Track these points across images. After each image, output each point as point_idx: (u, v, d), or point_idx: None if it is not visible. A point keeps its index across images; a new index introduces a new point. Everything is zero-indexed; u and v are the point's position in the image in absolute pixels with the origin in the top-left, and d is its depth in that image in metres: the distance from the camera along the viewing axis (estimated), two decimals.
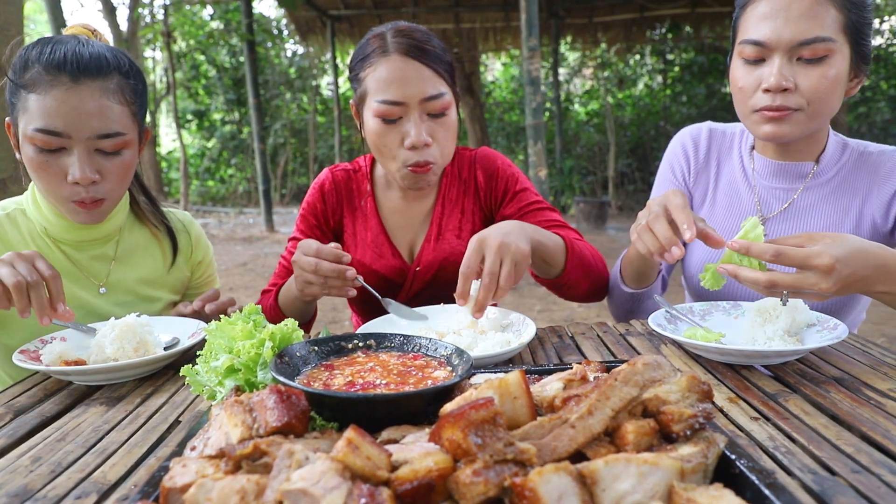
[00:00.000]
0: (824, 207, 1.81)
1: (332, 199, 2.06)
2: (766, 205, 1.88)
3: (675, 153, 2.10)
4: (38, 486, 0.94)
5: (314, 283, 1.64)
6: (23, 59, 1.59)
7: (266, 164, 11.88)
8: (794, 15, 1.60)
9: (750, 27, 1.67)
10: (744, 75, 1.70)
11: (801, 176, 1.83)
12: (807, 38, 1.59)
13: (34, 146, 1.57)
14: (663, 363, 0.86)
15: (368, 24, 13.03)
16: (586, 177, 15.13)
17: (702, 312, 1.60)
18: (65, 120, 1.55)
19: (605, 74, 16.78)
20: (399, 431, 0.85)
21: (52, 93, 1.54)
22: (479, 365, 1.30)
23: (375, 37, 1.82)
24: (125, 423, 1.18)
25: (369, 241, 2.03)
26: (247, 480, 0.67)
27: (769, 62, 1.65)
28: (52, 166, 1.58)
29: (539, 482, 0.64)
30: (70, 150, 1.58)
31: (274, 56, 17.62)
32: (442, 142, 1.82)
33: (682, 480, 0.69)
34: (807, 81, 1.62)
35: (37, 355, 1.45)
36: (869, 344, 1.46)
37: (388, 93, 1.75)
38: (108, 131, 1.60)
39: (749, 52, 1.67)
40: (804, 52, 1.60)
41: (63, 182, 1.60)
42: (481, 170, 2.06)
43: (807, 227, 1.81)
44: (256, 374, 1.04)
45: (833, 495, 0.82)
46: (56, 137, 1.55)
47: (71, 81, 1.55)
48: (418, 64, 1.76)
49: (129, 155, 1.67)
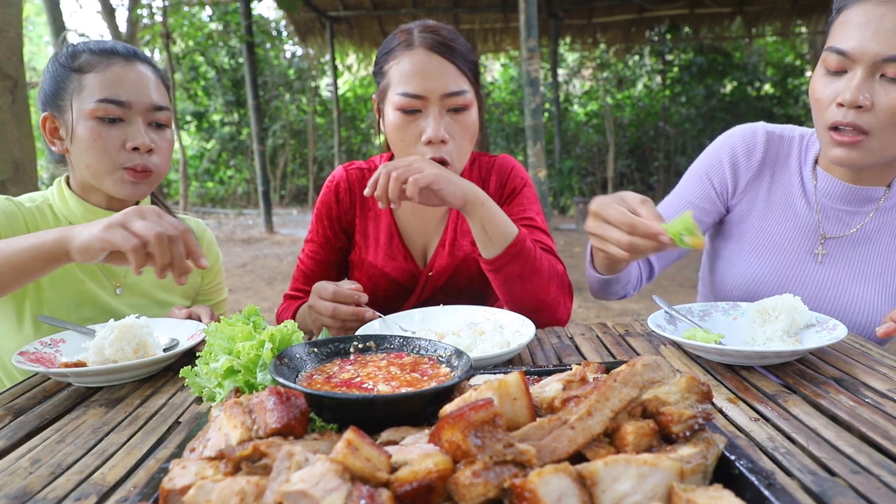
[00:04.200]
0: (887, 236, 1.73)
1: (346, 200, 2.04)
2: (829, 226, 1.78)
3: (718, 158, 1.92)
4: (38, 487, 0.94)
5: (332, 326, 1.64)
6: (70, 50, 1.74)
7: (265, 166, 11.89)
8: (885, 27, 1.46)
9: (838, 34, 1.54)
10: (822, 86, 1.59)
11: (871, 200, 1.73)
12: (893, 55, 1.46)
13: (94, 119, 1.69)
14: (662, 364, 0.86)
15: (367, 25, 13.05)
16: (585, 177, 15.16)
17: (701, 313, 1.60)
18: (126, 90, 1.71)
19: (604, 75, 16.80)
20: (399, 433, 0.85)
21: (110, 69, 1.71)
22: (478, 366, 1.30)
23: (402, 31, 1.81)
24: (124, 425, 1.17)
25: (382, 243, 2.00)
26: (246, 482, 0.67)
27: (850, 74, 1.52)
28: (111, 137, 1.71)
29: (539, 483, 0.64)
30: (127, 122, 1.73)
31: (273, 57, 17.62)
32: (459, 141, 1.79)
33: (681, 481, 0.69)
34: (886, 101, 1.49)
35: (36, 357, 1.45)
36: (868, 344, 1.46)
37: (409, 85, 1.73)
38: (161, 103, 1.78)
39: (831, 62, 1.55)
40: (888, 70, 1.47)
41: (120, 150, 1.72)
42: (496, 175, 2.04)
43: (870, 253, 1.74)
44: (256, 376, 1.04)
45: (832, 496, 0.82)
46: (118, 107, 1.70)
47: (124, 60, 1.73)
48: (442, 59, 1.74)
49: (170, 133, 1.84)
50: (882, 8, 1.47)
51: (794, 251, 1.82)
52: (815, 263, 1.79)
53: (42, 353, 1.48)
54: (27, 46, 16.20)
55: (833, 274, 1.77)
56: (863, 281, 1.75)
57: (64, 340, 1.56)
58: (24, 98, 3.92)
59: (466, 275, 1.99)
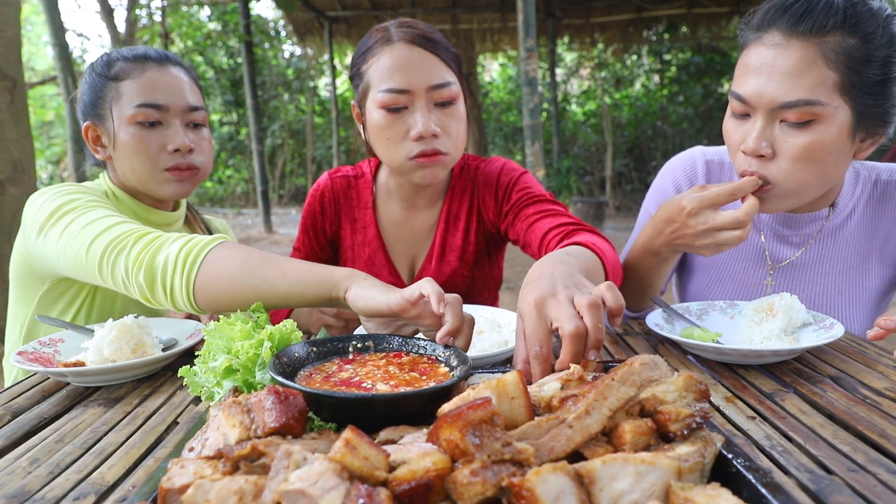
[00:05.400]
0: (840, 251, 1.70)
1: (330, 210, 1.96)
2: (776, 254, 1.76)
3: (665, 192, 1.91)
4: (37, 487, 0.94)
5: (335, 326, 1.63)
6: (104, 59, 1.79)
7: (264, 165, 11.87)
8: (778, 72, 1.40)
9: (739, 77, 1.50)
10: (731, 129, 1.54)
11: (815, 221, 1.71)
12: (788, 101, 1.39)
13: (135, 124, 1.75)
14: (660, 363, 0.87)
15: (366, 25, 13.02)
16: (584, 177, 15.15)
17: (699, 312, 1.60)
18: (163, 93, 1.76)
19: (602, 75, 16.80)
20: (397, 432, 0.85)
21: (145, 74, 1.76)
22: (476, 365, 1.30)
23: (378, 30, 1.72)
24: (123, 424, 1.17)
25: (366, 257, 1.94)
26: (245, 481, 0.67)
27: (752, 120, 1.47)
28: (152, 141, 1.76)
29: (537, 482, 0.64)
30: (166, 125, 1.78)
31: (272, 57, 17.60)
32: (453, 133, 1.70)
33: (679, 480, 0.69)
34: (786, 149, 1.43)
35: (35, 357, 1.45)
36: (865, 343, 1.47)
37: (392, 81, 1.64)
38: (196, 104, 1.83)
39: (735, 106, 1.50)
40: (787, 115, 1.41)
41: (162, 153, 1.77)
42: (483, 176, 1.92)
43: (819, 274, 1.72)
44: (255, 375, 1.04)
45: (829, 494, 0.82)
46: (155, 110, 1.75)
47: (158, 65, 1.78)
48: (424, 51, 1.65)
49: (207, 132, 1.89)
50: (774, 51, 1.42)
51: (746, 280, 1.82)
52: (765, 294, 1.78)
53: (41, 353, 1.48)
54: (26, 46, 16.18)
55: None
56: (823, 304, 1.75)
57: (63, 340, 1.56)
58: (22, 98, 3.92)
59: (453, 291, 1.92)
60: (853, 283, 1.73)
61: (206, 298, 1.35)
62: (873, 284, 1.73)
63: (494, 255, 2.01)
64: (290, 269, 1.32)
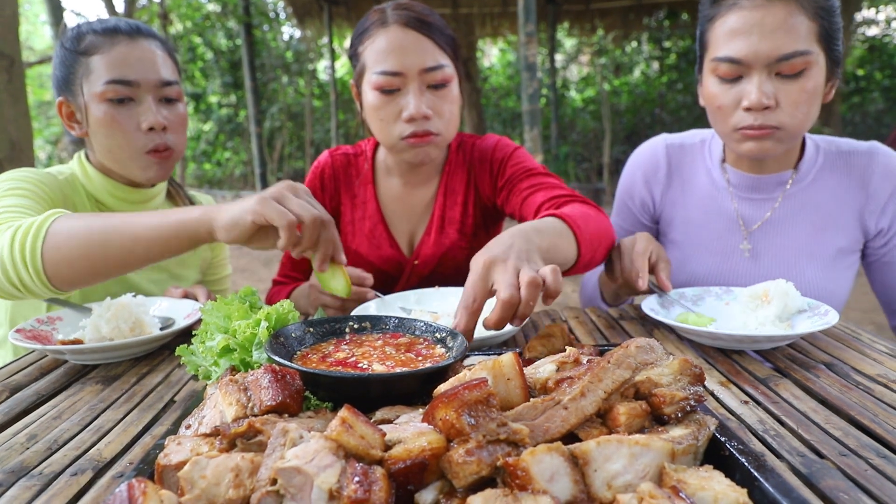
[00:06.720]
0: (807, 213, 1.78)
1: (331, 186, 2.01)
2: (747, 217, 1.84)
3: (633, 180, 2.04)
4: (34, 462, 0.95)
5: (332, 305, 1.64)
6: (75, 32, 1.72)
7: (262, 148, 11.85)
8: (768, 29, 1.53)
9: (722, 43, 1.60)
10: (721, 93, 1.63)
11: (781, 184, 1.79)
12: (785, 53, 1.52)
13: (105, 101, 1.70)
14: (656, 346, 0.87)
15: (365, 7, 12.94)
16: (581, 163, 15.12)
17: (694, 297, 1.61)
18: (133, 69, 1.70)
19: (602, 61, 16.72)
20: (393, 411, 0.86)
21: (115, 49, 1.69)
22: (473, 347, 1.30)
23: (375, 11, 1.77)
24: (121, 402, 1.18)
25: (367, 231, 1.98)
26: (241, 458, 0.68)
27: (747, 79, 1.58)
28: (124, 119, 1.70)
29: (531, 462, 0.65)
30: (138, 101, 1.72)
31: (271, 39, 17.49)
32: (446, 115, 1.75)
33: (672, 462, 0.70)
34: (787, 98, 1.56)
35: (33, 334, 1.45)
36: (858, 331, 1.47)
37: (386, 63, 1.70)
38: (169, 79, 1.76)
39: (724, 70, 1.60)
40: (783, 68, 1.54)
41: (136, 133, 1.72)
42: (479, 152, 1.98)
43: (790, 235, 1.79)
44: (252, 354, 1.04)
45: (821, 477, 0.83)
46: (125, 87, 1.69)
47: (128, 38, 1.71)
48: (418, 34, 1.70)
49: (182, 108, 1.80)
50: (759, 11, 1.54)
51: (723, 249, 1.87)
52: (744, 260, 1.84)
53: (39, 331, 1.48)
54: (23, 25, 16.06)
55: (766, 269, 1.82)
56: (795, 264, 1.79)
57: (61, 318, 1.57)
58: (20, 77, 3.90)
59: (452, 263, 1.97)
60: (823, 245, 1.78)
61: (63, 281, 1.34)
62: (842, 245, 1.79)
63: (492, 229, 2.06)
64: (141, 231, 1.32)
